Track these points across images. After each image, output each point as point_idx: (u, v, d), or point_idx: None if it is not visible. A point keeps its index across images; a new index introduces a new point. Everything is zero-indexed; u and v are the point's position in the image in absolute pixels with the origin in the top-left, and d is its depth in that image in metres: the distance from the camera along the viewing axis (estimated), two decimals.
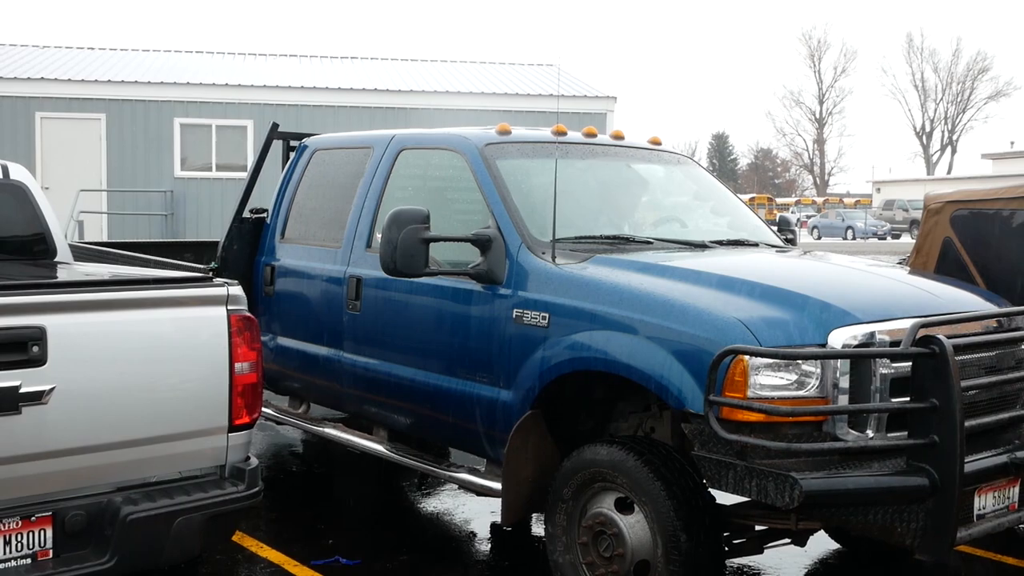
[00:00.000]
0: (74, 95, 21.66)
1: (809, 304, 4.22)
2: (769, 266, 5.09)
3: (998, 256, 6.25)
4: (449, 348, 5.21)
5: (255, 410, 4.12)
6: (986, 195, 6.51)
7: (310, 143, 6.72)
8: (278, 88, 23.25)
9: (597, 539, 4.48)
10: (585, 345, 4.53)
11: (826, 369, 4.02)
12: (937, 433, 3.91)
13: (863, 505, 3.95)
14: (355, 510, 6.51)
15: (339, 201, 6.13)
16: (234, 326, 4.00)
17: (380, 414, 5.82)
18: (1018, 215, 6.18)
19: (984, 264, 6.26)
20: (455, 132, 5.69)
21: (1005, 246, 6.27)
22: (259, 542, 5.64)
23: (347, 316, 5.81)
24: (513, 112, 23.50)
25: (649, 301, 4.40)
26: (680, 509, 4.19)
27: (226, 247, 6.62)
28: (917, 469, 3.94)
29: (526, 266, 4.89)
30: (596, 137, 5.94)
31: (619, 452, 4.38)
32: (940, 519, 3.91)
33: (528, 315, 4.78)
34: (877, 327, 4.15)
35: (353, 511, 6.49)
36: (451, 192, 5.61)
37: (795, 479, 3.78)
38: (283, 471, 7.50)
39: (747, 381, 3.96)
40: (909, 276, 4.97)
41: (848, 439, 4.02)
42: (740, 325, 4.08)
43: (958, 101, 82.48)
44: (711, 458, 4.05)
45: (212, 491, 3.87)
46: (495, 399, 4.94)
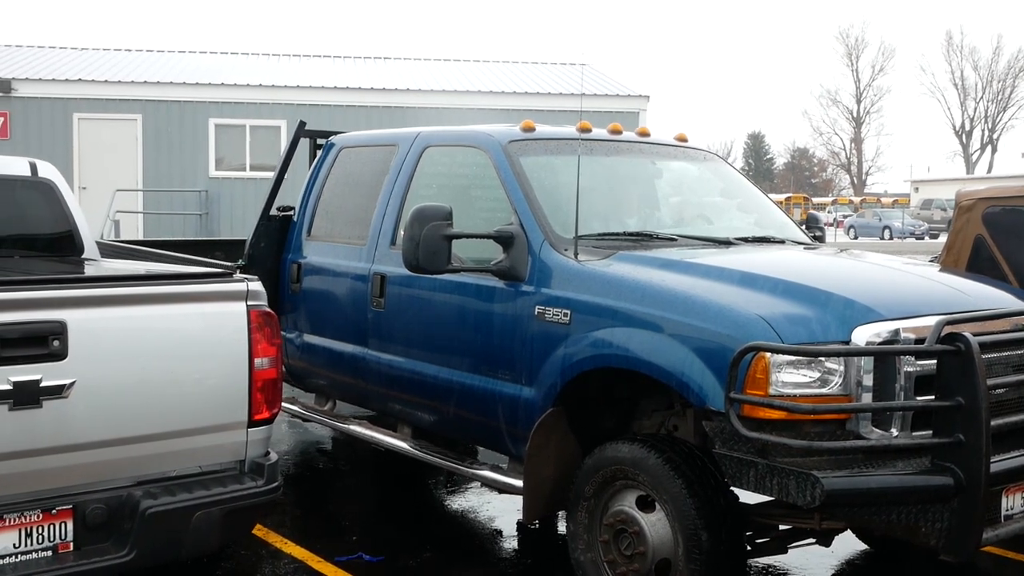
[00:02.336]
0: (111, 96, 21.89)
1: (832, 301, 4.18)
2: (793, 263, 5.04)
3: None
4: (472, 345, 5.20)
5: (275, 405, 4.13)
6: (1019, 191, 6.40)
7: (336, 141, 6.74)
8: (311, 88, 23.38)
9: (618, 537, 4.46)
10: (607, 342, 4.51)
11: (849, 367, 3.98)
12: (962, 432, 3.85)
13: (886, 505, 3.90)
14: (380, 507, 6.51)
15: (364, 199, 6.14)
16: (254, 322, 4.00)
17: (404, 411, 5.83)
18: None
19: (1017, 262, 6.14)
20: (479, 129, 5.69)
21: None
22: (284, 538, 5.66)
23: (372, 313, 5.82)
24: (544, 111, 23.48)
25: (670, 297, 4.37)
26: (701, 507, 4.16)
27: (253, 245, 6.65)
28: (942, 468, 3.87)
29: (548, 263, 4.88)
30: (621, 134, 5.92)
31: (640, 450, 4.36)
32: (965, 519, 3.85)
33: (550, 312, 4.77)
34: (902, 324, 4.10)
35: (378, 508, 6.49)
36: (475, 189, 5.60)
37: (817, 478, 3.74)
38: (310, 468, 7.52)
39: (768, 378, 3.93)
40: (936, 273, 4.91)
41: (871, 437, 3.97)
42: (762, 322, 4.05)
43: (999, 99, 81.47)
44: (732, 456, 4.01)
45: (231, 486, 3.89)
46: (517, 396, 4.93)
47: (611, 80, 28.05)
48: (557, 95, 25.55)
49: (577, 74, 28.35)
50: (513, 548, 5.81)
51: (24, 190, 5.18)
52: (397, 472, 7.22)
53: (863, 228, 52.87)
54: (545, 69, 28.78)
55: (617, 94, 26.45)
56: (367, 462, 7.60)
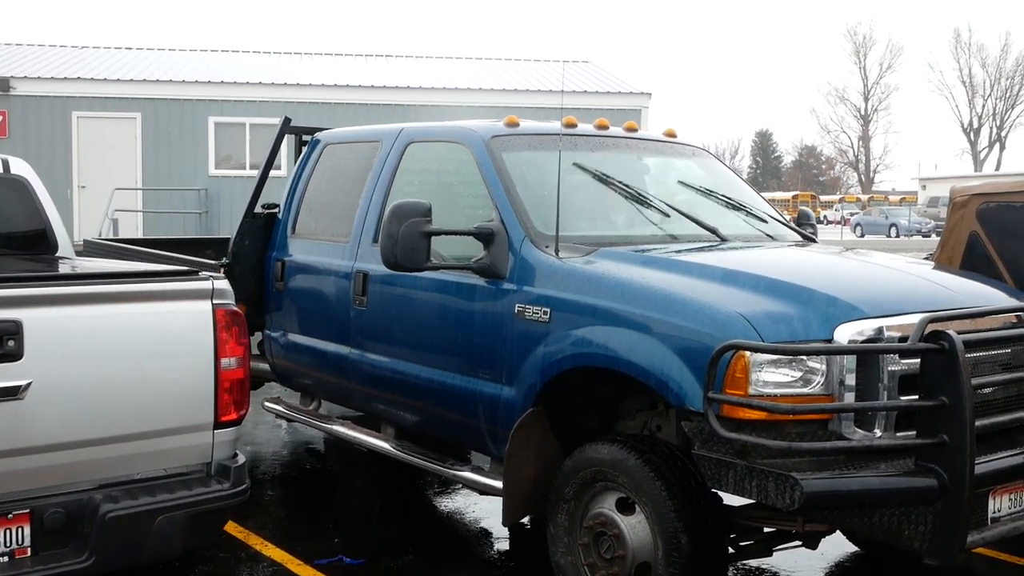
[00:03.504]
0: (110, 94, 21.86)
1: (814, 298, 4.09)
2: (778, 260, 4.94)
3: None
4: (453, 344, 5.12)
5: (243, 406, 4.06)
6: (1014, 187, 6.29)
7: (321, 137, 6.66)
8: (311, 86, 23.32)
9: (598, 540, 4.38)
10: (586, 340, 4.42)
11: (832, 365, 3.88)
12: (946, 432, 3.76)
13: (868, 507, 3.81)
14: (365, 508, 6.42)
15: (348, 195, 6.06)
16: (220, 321, 3.91)
17: (387, 411, 5.75)
18: None
19: (1012, 259, 6.03)
20: (462, 125, 5.60)
21: None
22: (264, 540, 5.58)
23: (354, 311, 5.73)
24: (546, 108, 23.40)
25: (650, 295, 4.28)
26: (681, 510, 4.07)
27: (237, 243, 6.58)
28: (925, 470, 3.79)
29: (529, 260, 4.79)
30: (608, 129, 5.82)
31: (620, 451, 4.27)
32: (949, 522, 3.76)
33: (530, 310, 4.68)
34: (885, 322, 4.00)
35: (363, 509, 6.41)
36: (458, 186, 5.52)
37: (796, 480, 3.65)
38: (297, 468, 7.45)
39: (748, 378, 3.83)
40: (924, 270, 4.81)
41: (853, 438, 3.88)
42: (742, 319, 3.95)
43: (1007, 97, 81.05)
44: (711, 457, 3.92)
45: (196, 489, 3.80)
46: (498, 396, 4.84)
47: (613, 77, 27.97)
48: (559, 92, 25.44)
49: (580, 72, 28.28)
50: (498, 550, 5.73)
51: None
52: (384, 473, 7.12)
53: (870, 226, 52.70)
54: (547, 67, 28.69)
55: (619, 91, 26.38)
56: (356, 462, 7.50)
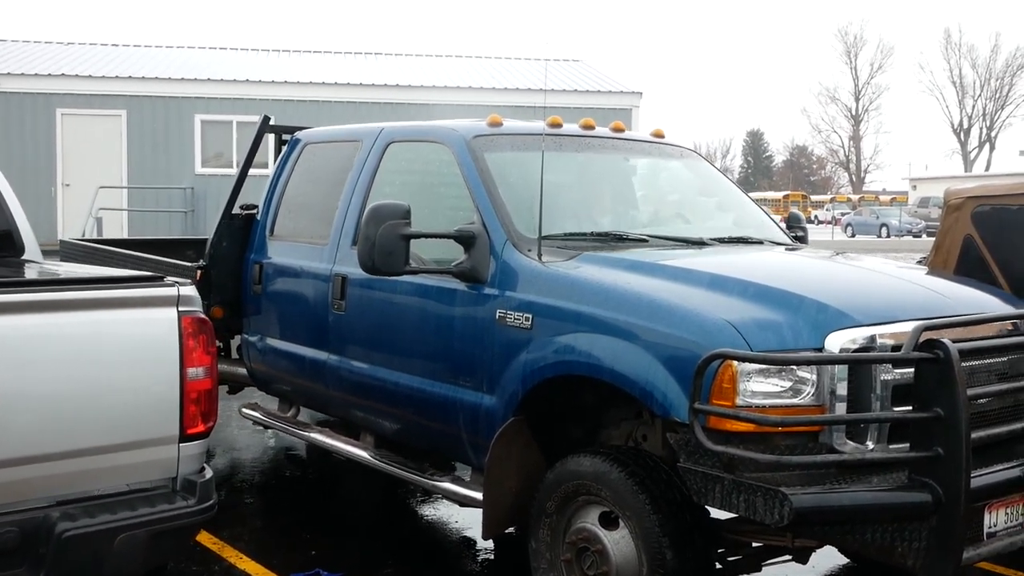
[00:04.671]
0: (95, 91, 21.66)
1: (805, 305, 3.94)
2: (768, 265, 4.81)
3: (1020, 253, 5.88)
4: (433, 350, 4.96)
5: (211, 418, 3.86)
6: (1009, 190, 6.13)
7: (301, 136, 6.50)
8: (299, 84, 23.15)
9: (581, 556, 4.22)
10: (569, 348, 4.27)
11: (822, 375, 3.74)
12: (941, 445, 3.62)
13: (860, 523, 3.67)
14: (345, 518, 6.25)
15: (327, 197, 5.90)
16: (187, 329, 3.72)
17: (366, 419, 5.59)
18: None
19: (1007, 263, 5.90)
20: (443, 124, 5.45)
21: None
22: (239, 552, 5.41)
23: (332, 316, 5.57)
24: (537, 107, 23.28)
25: (635, 301, 4.13)
26: (666, 524, 3.92)
27: (215, 244, 6.42)
28: (920, 484, 3.64)
29: (511, 264, 4.64)
30: (594, 129, 5.67)
31: (602, 463, 4.12)
32: (944, 538, 3.62)
33: (511, 316, 4.53)
34: (878, 330, 3.86)
35: (343, 519, 6.23)
36: (439, 187, 5.36)
37: (785, 495, 3.50)
38: (276, 476, 7.27)
39: (736, 388, 3.69)
40: (918, 276, 4.67)
41: (845, 451, 3.74)
42: (729, 327, 3.81)
43: (997, 97, 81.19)
44: (697, 470, 3.78)
45: (159, 506, 3.60)
46: (478, 404, 4.69)
47: (604, 76, 27.89)
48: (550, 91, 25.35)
49: (571, 70, 28.18)
50: (481, 561, 5.57)
51: None
52: (368, 481, 6.93)
53: (860, 226, 52.68)
54: (538, 65, 28.58)
55: (610, 90, 26.31)
56: (338, 470, 7.31)
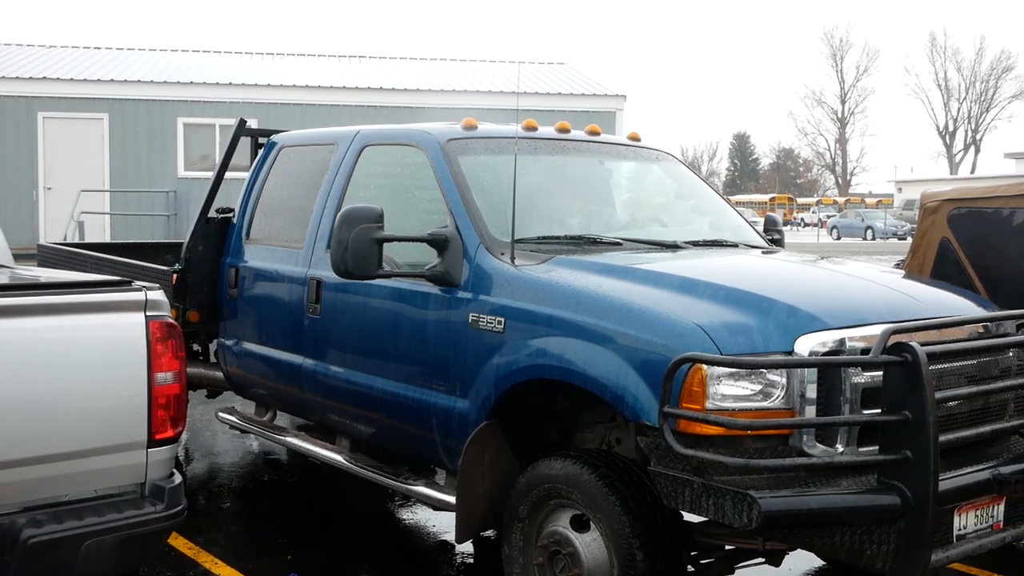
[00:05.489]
0: (76, 95, 21.56)
1: (775, 308, 3.95)
2: (739, 268, 4.81)
3: (998, 257, 5.97)
4: (407, 354, 4.96)
5: (179, 423, 3.85)
6: (985, 193, 6.20)
7: (277, 140, 6.48)
8: (283, 87, 23.09)
9: (553, 560, 4.22)
10: (541, 351, 4.27)
11: (792, 379, 3.75)
12: (910, 448, 3.63)
13: (829, 526, 3.67)
14: (323, 523, 6.20)
15: (303, 200, 5.89)
16: (155, 334, 3.71)
17: (341, 422, 5.58)
18: (1018, 214, 5.90)
19: (983, 266, 5.98)
20: (418, 127, 5.44)
21: (1005, 247, 5.98)
22: (215, 558, 5.39)
23: (308, 320, 5.56)
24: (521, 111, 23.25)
25: (606, 305, 4.13)
26: (636, 527, 3.92)
27: (190, 248, 6.39)
28: (888, 487, 3.65)
29: (484, 267, 4.64)
30: (569, 132, 5.68)
31: (574, 466, 4.12)
32: (913, 540, 3.63)
33: (484, 319, 4.53)
34: (848, 333, 3.87)
35: (320, 524, 6.19)
36: (414, 190, 5.35)
37: (754, 498, 3.50)
38: (255, 481, 7.24)
39: (706, 391, 3.69)
40: (889, 278, 4.67)
41: (815, 454, 3.75)
42: (699, 331, 3.81)
43: (982, 100, 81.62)
44: (667, 474, 3.78)
45: (127, 512, 3.57)
46: (451, 408, 4.69)
47: (589, 79, 27.91)
48: (534, 94, 25.36)
49: (556, 73, 28.20)
50: (458, 566, 5.55)
51: None
52: (347, 486, 6.87)
53: (846, 228, 52.87)
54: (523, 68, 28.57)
55: (594, 93, 26.31)
56: (317, 474, 7.28)
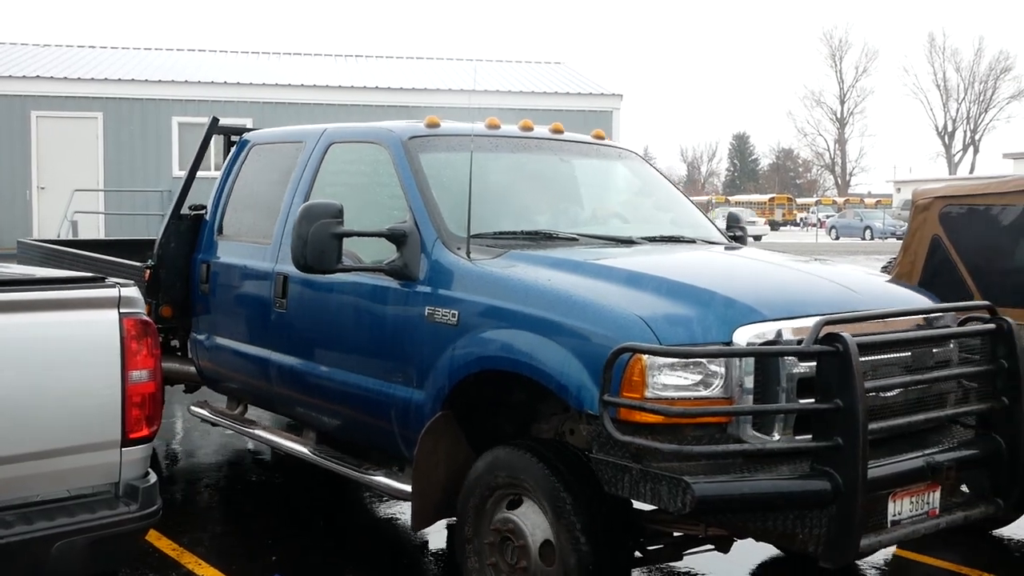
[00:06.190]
0: (70, 93, 21.65)
1: (715, 301, 4.07)
2: (688, 263, 4.93)
3: (989, 254, 5.97)
4: (368, 347, 5.08)
5: (155, 422, 3.81)
6: (976, 190, 6.19)
7: (249, 138, 6.61)
8: (278, 86, 23.20)
9: (503, 546, 4.33)
10: (492, 343, 4.39)
11: (731, 369, 3.86)
12: (841, 435, 3.76)
13: (761, 510, 3.79)
14: (308, 522, 6.15)
15: (272, 196, 6.01)
16: (129, 331, 3.67)
17: (307, 415, 5.70)
18: (1010, 211, 5.88)
19: (975, 263, 5.96)
20: (382, 125, 5.57)
21: (997, 244, 5.98)
22: (198, 558, 5.38)
23: (274, 314, 5.68)
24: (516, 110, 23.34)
25: (554, 298, 4.25)
26: (581, 514, 4.03)
27: (163, 244, 6.50)
28: (820, 473, 3.78)
29: (441, 262, 4.76)
30: (532, 131, 5.79)
31: (522, 456, 4.24)
32: (844, 525, 3.75)
33: (439, 312, 4.65)
34: (784, 325, 3.99)
35: (306, 523, 6.14)
36: (377, 187, 5.46)
37: (688, 483, 3.62)
38: (241, 480, 7.24)
39: (645, 381, 3.80)
40: (835, 272, 4.78)
41: (750, 441, 3.86)
42: (640, 322, 3.93)
43: (980, 101, 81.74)
44: (608, 461, 3.89)
45: (100, 512, 3.51)
46: (409, 400, 4.80)
47: (585, 79, 28.00)
48: (530, 93, 25.46)
49: (552, 73, 28.30)
50: (443, 568, 5.53)
51: None
52: (334, 484, 6.77)
53: (844, 228, 52.90)
54: (520, 68, 28.69)
55: (591, 92, 26.40)
56: (303, 473, 7.16)
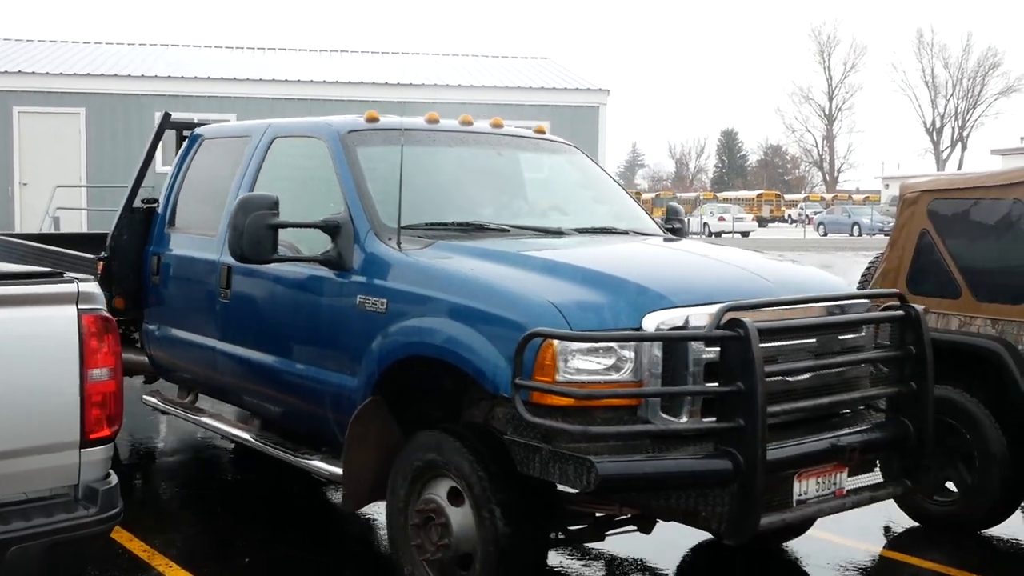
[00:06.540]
0: (52, 89, 21.65)
1: (627, 288, 4.22)
2: (610, 252, 5.08)
3: (979, 250, 5.89)
4: (305, 335, 5.23)
5: (116, 422, 3.66)
6: (965, 183, 6.06)
7: (200, 132, 6.76)
8: (262, 81, 23.26)
9: (427, 526, 4.47)
10: (416, 330, 4.54)
11: (640, 353, 4.01)
12: (742, 417, 3.92)
13: (664, 489, 3.94)
14: (282, 524, 6.05)
15: (219, 190, 6.14)
16: (89, 328, 3.52)
17: (253, 403, 5.85)
18: (1001, 205, 5.76)
19: (963, 258, 5.87)
20: (323, 120, 5.71)
21: (987, 239, 5.87)
22: (170, 561, 5.30)
23: (219, 304, 5.82)
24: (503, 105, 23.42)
25: (474, 286, 4.40)
26: (499, 494, 4.18)
27: (115, 237, 6.65)
28: (723, 453, 3.94)
29: (372, 252, 4.90)
30: (472, 125, 5.94)
31: (443, 438, 4.39)
32: (744, 503, 3.91)
33: (370, 301, 4.79)
34: (692, 311, 4.13)
35: (279, 525, 6.04)
36: (316, 180, 5.59)
37: (592, 463, 3.78)
38: (217, 480, 7.19)
39: (556, 365, 3.95)
40: (752, 262, 4.90)
41: (656, 423, 4.00)
42: (553, 309, 4.07)
43: (968, 97, 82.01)
44: (520, 442, 4.05)
45: (57, 516, 3.38)
46: (343, 386, 4.94)
47: (571, 74, 28.03)
48: (516, 88, 25.48)
49: (538, 68, 28.36)
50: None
51: None
52: (309, 481, 6.71)
53: (833, 224, 52.93)
54: (506, 63, 28.73)
55: (577, 88, 26.42)
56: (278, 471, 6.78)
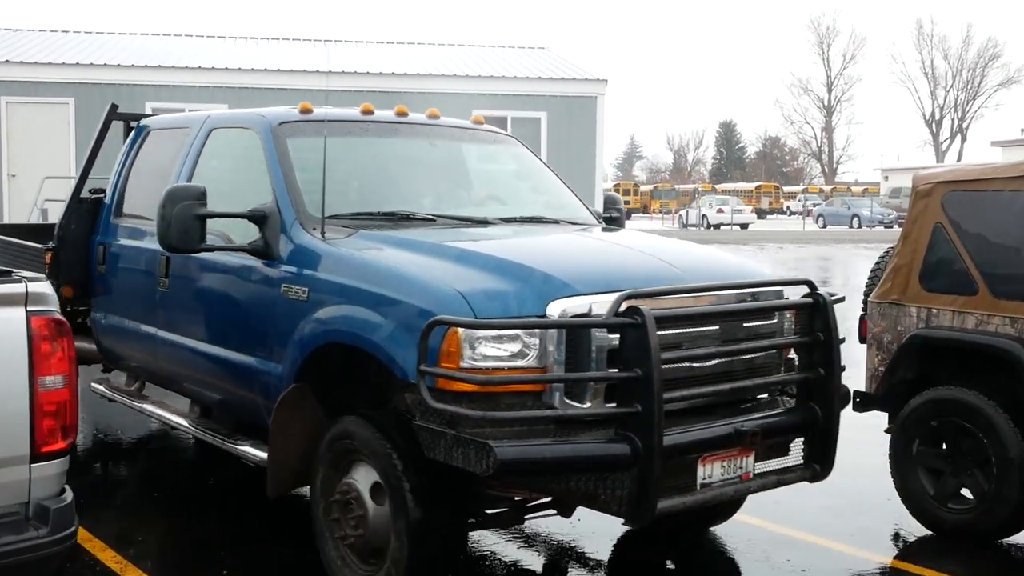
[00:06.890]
0: (41, 79, 21.59)
1: (532, 276, 4.29)
2: (526, 242, 5.17)
3: (995, 244, 5.72)
4: (235, 323, 5.31)
5: (71, 433, 3.38)
6: (981, 174, 5.87)
7: (146, 123, 6.86)
8: (253, 71, 23.22)
9: (345, 510, 4.55)
10: (333, 318, 4.61)
11: (544, 340, 4.08)
12: (640, 402, 3.99)
13: (562, 472, 4.02)
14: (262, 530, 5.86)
15: (160, 180, 6.19)
16: (39, 331, 3.24)
17: (192, 390, 5.94)
18: (1020, 197, 5.58)
19: (979, 251, 5.70)
20: (256, 111, 5.79)
21: (1004, 233, 5.69)
22: (144, 573, 5.13)
23: (159, 293, 5.91)
24: (501, 95, 23.45)
25: (387, 274, 4.48)
26: (411, 478, 4.25)
27: (63, 227, 6.74)
28: (622, 437, 4.01)
29: (297, 241, 4.98)
30: (407, 116, 6.00)
31: (359, 423, 4.47)
32: (643, 486, 3.98)
33: (293, 289, 4.87)
34: (595, 299, 4.19)
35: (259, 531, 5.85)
36: (248, 171, 5.66)
37: (491, 447, 3.85)
38: (196, 485, 6.95)
39: (461, 352, 4.02)
40: (665, 249, 4.94)
41: (558, 408, 4.08)
42: (458, 297, 4.14)
43: (968, 88, 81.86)
44: (427, 427, 4.12)
45: (4, 537, 3.13)
46: (270, 373, 5.02)
47: (569, 64, 27.95)
48: (513, 78, 25.43)
49: (536, 58, 28.32)
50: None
51: None
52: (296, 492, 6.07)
53: (832, 217, 52.83)
54: (504, 52, 28.67)
55: (574, 78, 26.35)
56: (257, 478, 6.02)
